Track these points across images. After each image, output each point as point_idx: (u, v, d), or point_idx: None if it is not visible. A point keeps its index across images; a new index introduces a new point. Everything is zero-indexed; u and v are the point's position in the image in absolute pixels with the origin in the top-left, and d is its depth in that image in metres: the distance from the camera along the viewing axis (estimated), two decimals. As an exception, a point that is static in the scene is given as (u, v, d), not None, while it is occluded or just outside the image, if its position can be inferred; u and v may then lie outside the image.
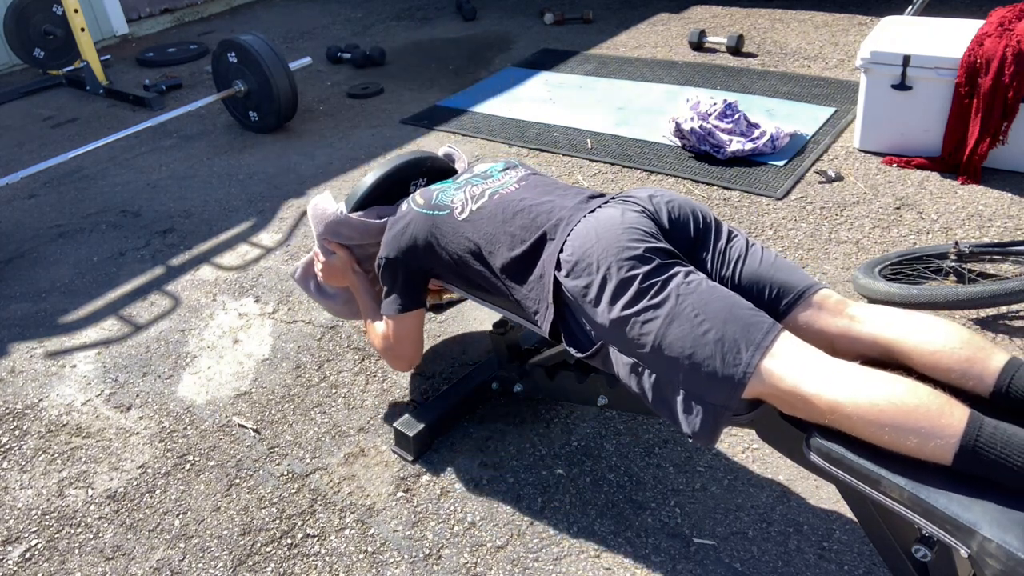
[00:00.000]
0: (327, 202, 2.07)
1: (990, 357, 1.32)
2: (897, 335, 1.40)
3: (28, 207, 3.77)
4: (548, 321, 1.61)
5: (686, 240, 1.60)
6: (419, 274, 1.93)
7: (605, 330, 1.50)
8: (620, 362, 1.51)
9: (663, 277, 1.44)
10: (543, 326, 1.63)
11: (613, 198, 1.68)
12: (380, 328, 2.01)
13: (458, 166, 2.21)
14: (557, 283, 1.58)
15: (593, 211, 1.61)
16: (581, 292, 1.52)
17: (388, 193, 2.07)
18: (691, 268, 1.48)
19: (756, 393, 1.35)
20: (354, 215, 2.01)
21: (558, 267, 1.57)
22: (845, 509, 1.81)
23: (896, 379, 1.25)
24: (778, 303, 1.52)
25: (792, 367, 1.31)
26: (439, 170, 2.16)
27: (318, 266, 2.14)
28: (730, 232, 1.64)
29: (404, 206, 1.92)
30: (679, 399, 1.42)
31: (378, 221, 1.99)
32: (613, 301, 1.46)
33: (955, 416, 1.18)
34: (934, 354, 1.34)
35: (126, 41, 6.37)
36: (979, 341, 1.35)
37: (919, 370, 1.36)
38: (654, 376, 1.45)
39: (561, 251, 1.57)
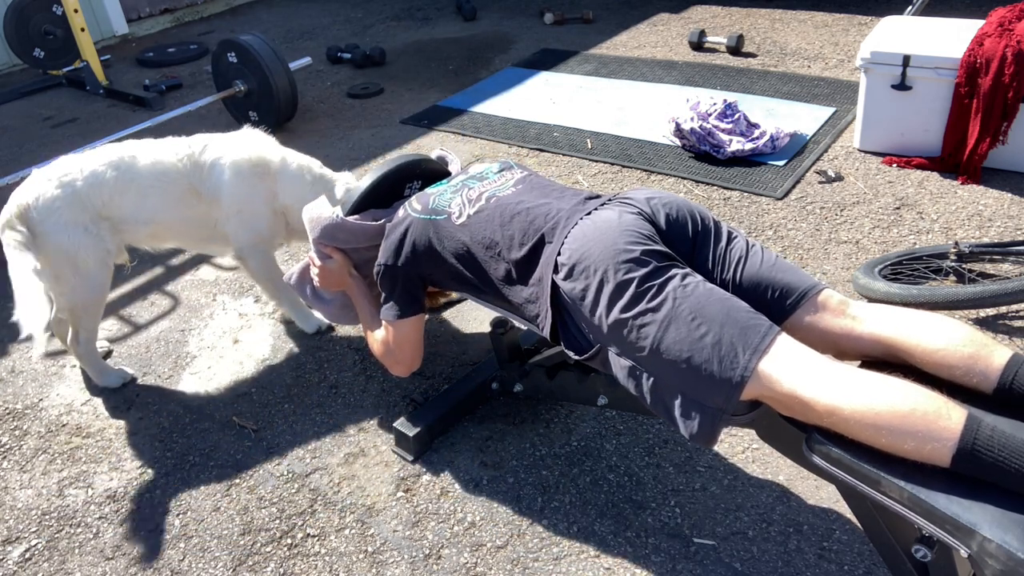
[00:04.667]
0: (322, 207, 2.05)
1: (993, 354, 1.32)
2: (900, 334, 1.40)
3: (28, 207, 3.76)
4: (548, 324, 1.61)
5: (684, 242, 1.60)
6: (418, 280, 1.92)
7: (603, 333, 1.49)
8: (618, 365, 1.51)
9: (660, 280, 1.44)
10: (544, 329, 1.63)
11: (610, 200, 1.67)
12: (379, 334, 2.00)
13: (452, 168, 2.21)
14: (555, 286, 1.57)
15: (590, 213, 1.61)
16: (578, 295, 1.52)
17: (383, 196, 2.07)
18: (688, 270, 1.48)
19: (754, 395, 1.35)
20: (350, 218, 2.00)
21: (555, 270, 1.57)
22: (845, 509, 1.81)
23: (893, 382, 1.25)
24: (780, 304, 1.52)
25: (789, 370, 1.31)
26: (433, 173, 2.15)
27: (314, 271, 2.11)
28: (730, 233, 1.63)
29: (401, 211, 1.90)
30: (677, 402, 1.42)
31: (375, 224, 1.98)
32: (610, 305, 1.46)
33: (952, 419, 1.18)
34: (937, 352, 1.35)
35: (126, 41, 6.37)
36: (982, 338, 1.35)
37: (922, 368, 1.37)
38: (652, 379, 1.45)
39: (559, 254, 1.57)
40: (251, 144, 2.42)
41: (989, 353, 1.32)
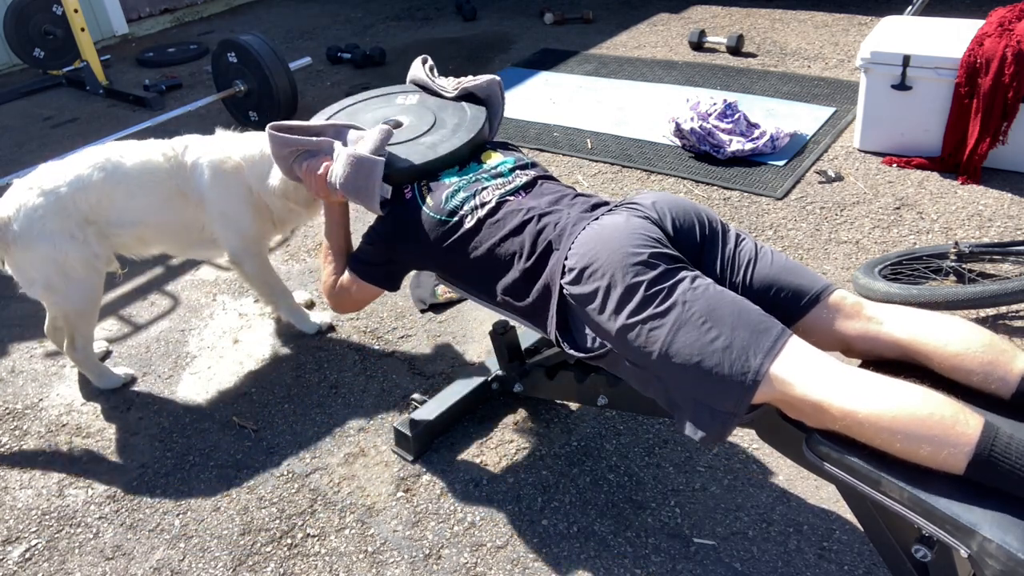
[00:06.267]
0: (377, 175, 1.81)
1: (1013, 359, 1.31)
2: (918, 336, 1.39)
3: (28, 207, 3.75)
4: (553, 328, 1.61)
5: (692, 246, 1.59)
6: (406, 266, 1.93)
7: (611, 337, 1.49)
8: (627, 368, 1.51)
9: (669, 283, 1.43)
10: (549, 333, 1.63)
11: (617, 206, 1.67)
12: (335, 269, 1.96)
13: (442, 87, 2.10)
14: (561, 290, 1.57)
15: (598, 219, 1.60)
16: (586, 299, 1.51)
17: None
18: (697, 273, 1.47)
19: (765, 399, 1.34)
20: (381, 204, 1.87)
21: (563, 275, 1.56)
22: (845, 509, 1.80)
23: (910, 387, 1.24)
24: (793, 306, 1.51)
25: (803, 373, 1.29)
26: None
27: (313, 181, 1.92)
28: (738, 236, 1.63)
29: (408, 193, 1.85)
30: (687, 405, 1.41)
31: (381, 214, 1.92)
32: (619, 308, 1.45)
33: (970, 425, 1.16)
34: (956, 356, 1.33)
35: (126, 41, 6.37)
36: (1001, 343, 1.34)
37: (939, 371, 1.35)
38: (662, 382, 1.45)
39: (566, 259, 1.56)
40: (224, 144, 2.41)
41: (1009, 359, 1.31)
